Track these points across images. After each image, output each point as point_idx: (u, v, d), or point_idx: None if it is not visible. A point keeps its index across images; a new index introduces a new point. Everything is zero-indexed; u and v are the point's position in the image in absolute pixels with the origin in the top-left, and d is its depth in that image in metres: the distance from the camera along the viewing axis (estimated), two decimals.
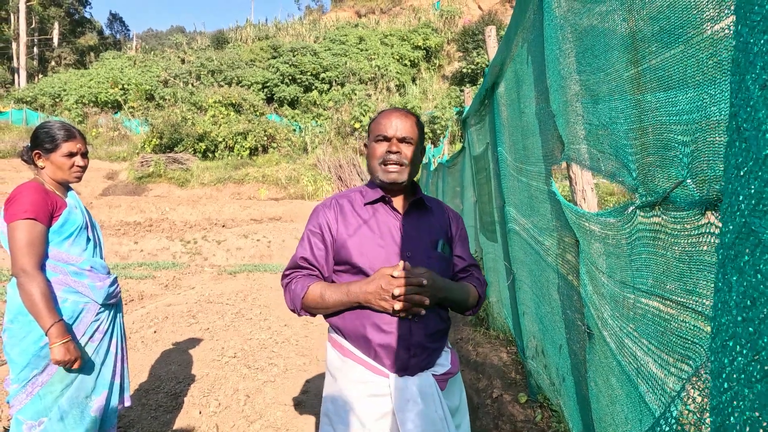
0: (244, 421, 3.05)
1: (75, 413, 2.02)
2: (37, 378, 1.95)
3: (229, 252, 10.16)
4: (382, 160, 1.50)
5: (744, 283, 0.45)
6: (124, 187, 17.55)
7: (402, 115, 1.52)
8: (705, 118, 0.70)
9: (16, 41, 36.13)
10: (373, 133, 1.54)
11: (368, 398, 1.43)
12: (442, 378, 1.49)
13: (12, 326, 1.94)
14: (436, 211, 1.63)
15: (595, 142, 1.31)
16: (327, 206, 1.57)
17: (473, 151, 4.69)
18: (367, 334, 1.43)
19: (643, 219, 0.97)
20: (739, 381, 0.46)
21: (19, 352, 1.93)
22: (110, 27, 57.95)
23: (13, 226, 1.88)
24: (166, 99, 24.75)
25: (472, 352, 4.03)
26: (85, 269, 2.07)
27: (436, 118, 20.95)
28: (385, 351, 1.43)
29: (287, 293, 1.52)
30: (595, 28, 1.22)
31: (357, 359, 1.46)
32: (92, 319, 2.08)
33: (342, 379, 1.48)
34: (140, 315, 5.33)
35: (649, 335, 1.02)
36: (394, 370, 1.43)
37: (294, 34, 32.48)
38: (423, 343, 1.45)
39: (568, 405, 2.27)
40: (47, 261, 1.98)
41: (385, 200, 1.54)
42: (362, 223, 1.51)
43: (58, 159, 2.05)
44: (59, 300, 1.98)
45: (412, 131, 1.51)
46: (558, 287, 2.11)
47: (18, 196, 1.92)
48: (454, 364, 1.56)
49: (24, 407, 1.94)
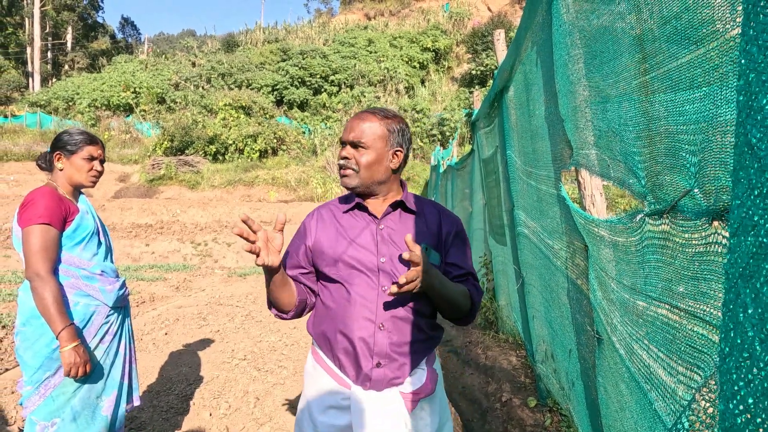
0: (254, 423, 3.07)
1: (87, 413, 2.06)
2: (50, 380, 1.98)
3: (239, 254, 10.22)
4: (339, 165, 1.47)
5: (761, 305, 0.44)
6: (135, 190, 17.74)
7: (360, 119, 1.44)
8: (712, 128, 0.70)
9: (30, 46, 36.70)
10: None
11: (330, 409, 1.40)
12: (412, 398, 1.38)
13: (25, 329, 1.98)
14: (427, 215, 1.50)
15: (604, 148, 1.30)
16: (310, 216, 1.54)
17: (482, 154, 4.69)
18: (330, 338, 1.40)
19: (652, 227, 0.97)
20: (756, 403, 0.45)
21: (32, 355, 1.97)
22: (122, 31, 58.64)
23: (28, 231, 1.92)
24: (177, 102, 24.98)
25: (481, 356, 4.02)
26: (96, 273, 2.11)
27: (445, 120, 20.92)
28: (347, 357, 1.38)
29: None
30: (605, 34, 1.22)
31: (326, 367, 1.44)
32: (102, 321, 2.12)
33: (310, 388, 1.46)
34: (151, 317, 5.38)
35: (658, 342, 1.02)
36: (357, 380, 1.37)
37: (303, 37, 32.63)
38: (388, 352, 1.36)
39: (578, 410, 2.26)
40: (60, 265, 2.02)
41: (360, 206, 1.47)
42: (337, 230, 1.47)
43: (78, 161, 2.10)
44: (71, 303, 2.02)
45: (364, 134, 1.40)
46: (568, 291, 2.10)
47: (32, 201, 1.96)
48: (429, 385, 1.43)
49: (37, 408, 1.97)
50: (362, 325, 1.37)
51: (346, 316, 1.39)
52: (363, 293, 1.39)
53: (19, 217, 1.96)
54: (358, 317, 1.38)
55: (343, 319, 1.39)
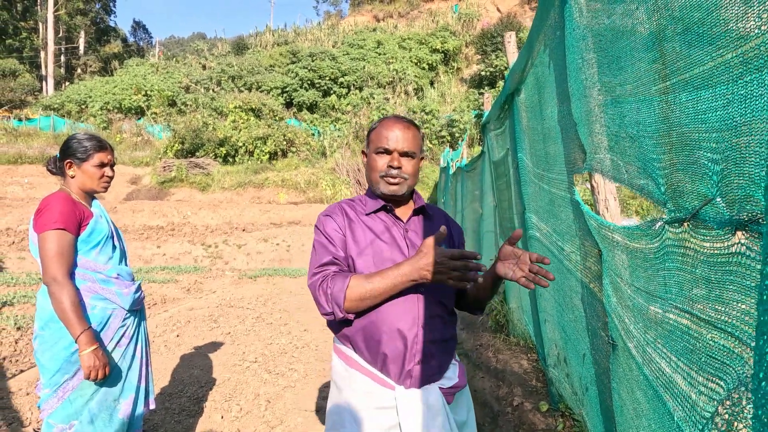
0: (265, 426, 3.07)
1: (104, 416, 2.08)
2: (68, 383, 2.00)
3: (250, 256, 10.28)
4: (383, 174, 1.48)
5: None
6: (147, 192, 17.89)
7: (404, 127, 1.49)
8: (735, 136, 0.68)
9: (44, 50, 37.21)
10: (374, 143, 1.51)
11: (374, 410, 1.41)
12: (449, 392, 1.47)
13: (43, 333, 2.00)
14: (436, 219, 1.62)
15: (621, 154, 1.29)
16: (336, 213, 1.53)
17: (493, 156, 4.67)
18: (369, 338, 1.42)
19: (672, 234, 0.95)
20: None
21: (50, 358, 1.99)
22: (134, 34, 59.28)
23: (44, 237, 1.94)
24: (188, 105, 25.16)
25: (492, 359, 4.00)
26: (112, 277, 2.13)
27: (454, 122, 20.87)
28: (390, 357, 1.40)
29: (321, 295, 1.38)
30: (621, 38, 1.21)
31: (362, 370, 1.45)
32: (119, 324, 2.14)
33: (347, 390, 1.46)
34: (163, 319, 5.42)
35: (677, 351, 1.00)
36: (399, 380, 1.41)
37: (313, 39, 32.73)
38: (428, 350, 1.42)
39: (591, 415, 2.24)
40: (76, 269, 2.04)
41: (386, 209, 1.53)
42: (370, 232, 1.49)
43: (89, 169, 2.11)
44: (88, 307, 2.04)
45: (413, 144, 1.49)
46: (582, 296, 2.08)
47: (47, 207, 1.98)
48: (462, 378, 1.53)
49: (55, 411, 1.99)
50: (405, 325, 1.41)
51: (390, 316, 1.41)
52: (404, 294, 1.41)
53: (34, 223, 1.99)
54: (401, 318, 1.41)
55: (385, 320, 1.41)
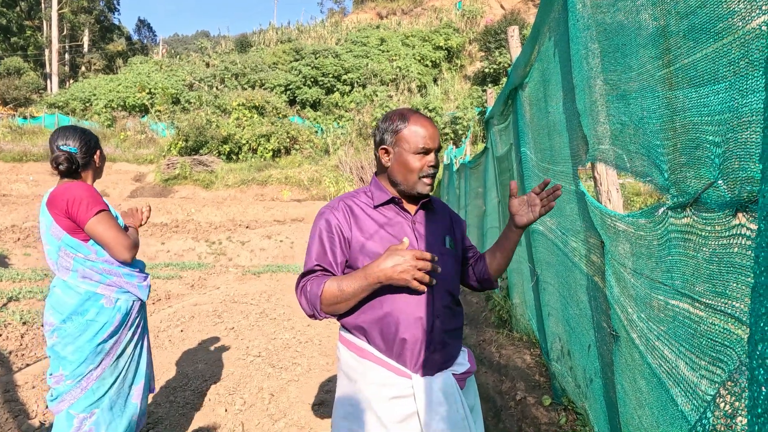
0: (269, 419, 3.09)
1: (120, 402, 2.15)
2: (92, 372, 2.05)
3: (253, 252, 10.30)
4: (424, 174, 1.48)
5: None
6: (151, 189, 17.95)
7: (432, 123, 1.53)
8: (736, 117, 0.69)
9: (48, 48, 37.35)
10: (411, 143, 1.47)
11: (391, 400, 1.42)
12: (462, 377, 1.51)
13: (65, 326, 2.01)
14: (439, 210, 1.66)
15: (624, 142, 1.29)
16: (335, 208, 1.51)
17: (496, 151, 4.66)
18: (385, 329, 1.42)
19: (675, 220, 0.96)
20: None
21: (74, 350, 2.01)
22: (138, 32, 59.47)
23: (93, 223, 1.97)
24: (192, 102, 25.21)
25: (495, 354, 4.00)
26: (135, 271, 2.20)
27: (457, 119, 20.84)
28: (406, 346, 1.42)
29: (303, 298, 1.44)
30: (625, 27, 1.21)
31: (376, 360, 1.44)
32: (136, 315, 2.23)
33: (360, 381, 1.46)
34: (167, 314, 5.45)
35: (679, 337, 1.01)
36: (415, 368, 1.43)
37: (316, 37, 32.74)
38: (442, 338, 1.47)
39: (594, 408, 2.24)
40: (102, 265, 2.06)
41: (395, 201, 1.53)
42: (378, 226, 1.49)
43: (99, 160, 2.24)
44: (113, 301, 2.08)
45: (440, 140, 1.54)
46: (586, 288, 2.08)
47: (77, 198, 1.98)
48: (472, 363, 1.58)
49: (77, 401, 2.04)
50: (421, 315, 1.43)
51: (409, 306, 1.43)
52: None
53: (75, 215, 1.97)
54: (416, 308, 1.43)
55: (404, 309, 1.43)
